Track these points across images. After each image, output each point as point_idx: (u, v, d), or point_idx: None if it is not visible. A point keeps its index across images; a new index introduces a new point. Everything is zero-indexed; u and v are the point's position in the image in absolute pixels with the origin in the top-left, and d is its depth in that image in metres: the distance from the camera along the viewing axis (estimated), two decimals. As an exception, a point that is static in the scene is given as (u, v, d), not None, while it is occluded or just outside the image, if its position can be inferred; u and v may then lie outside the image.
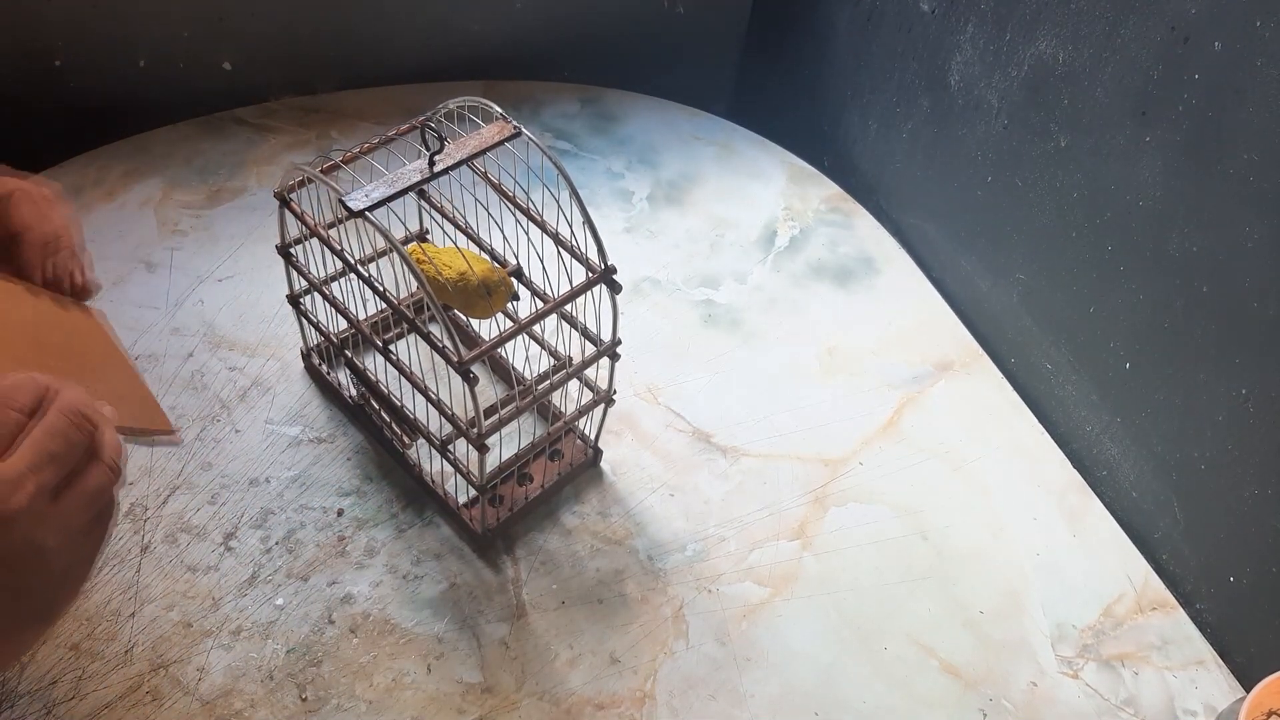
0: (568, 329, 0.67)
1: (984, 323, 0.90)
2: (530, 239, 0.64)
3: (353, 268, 0.60)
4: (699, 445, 0.76)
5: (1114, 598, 0.70)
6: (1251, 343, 0.64)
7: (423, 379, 0.64)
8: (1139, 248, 0.72)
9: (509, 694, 0.59)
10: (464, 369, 0.56)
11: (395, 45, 1.07)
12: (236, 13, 0.98)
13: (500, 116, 0.64)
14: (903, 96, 0.99)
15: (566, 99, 1.10)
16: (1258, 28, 0.60)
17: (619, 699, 0.60)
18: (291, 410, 0.73)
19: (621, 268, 0.90)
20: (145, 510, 0.64)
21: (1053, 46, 0.78)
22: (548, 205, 0.64)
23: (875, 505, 0.73)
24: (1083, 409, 0.80)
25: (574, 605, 0.64)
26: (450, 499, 0.67)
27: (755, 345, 0.85)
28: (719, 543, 0.69)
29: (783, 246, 0.96)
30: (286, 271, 0.68)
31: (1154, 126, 0.69)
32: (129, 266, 0.81)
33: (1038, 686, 0.64)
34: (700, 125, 1.10)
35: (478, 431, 0.58)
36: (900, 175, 1.02)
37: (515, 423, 0.62)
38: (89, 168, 0.90)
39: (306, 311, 0.70)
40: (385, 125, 1.01)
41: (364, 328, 0.64)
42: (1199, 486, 0.70)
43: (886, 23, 1.01)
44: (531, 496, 0.68)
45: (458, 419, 0.62)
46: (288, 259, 0.67)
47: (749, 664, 0.63)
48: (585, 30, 1.15)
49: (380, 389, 0.67)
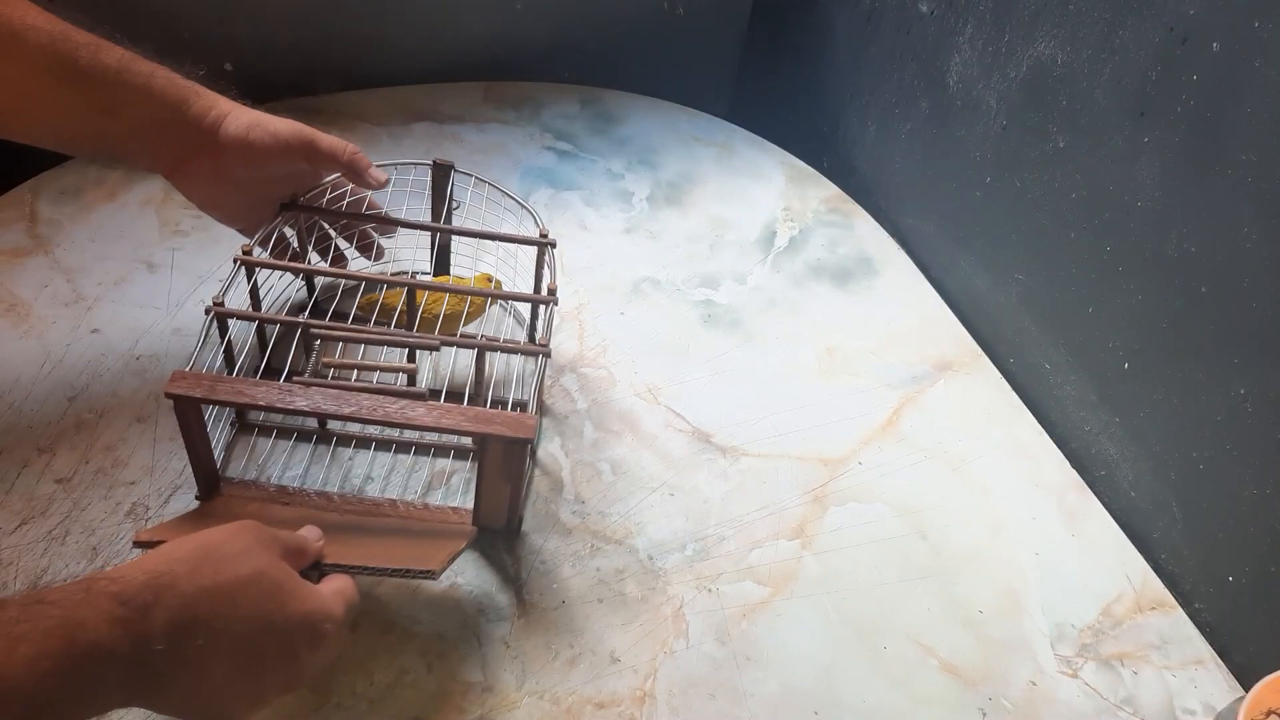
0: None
1: (983, 323, 0.90)
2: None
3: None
4: (699, 445, 0.76)
5: (1113, 597, 0.70)
6: (1250, 343, 0.64)
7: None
8: (1137, 248, 0.72)
9: (509, 692, 0.59)
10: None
11: (396, 46, 1.07)
12: (237, 14, 0.98)
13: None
14: (902, 97, 0.99)
15: (566, 99, 1.10)
16: (1256, 28, 0.60)
17: (619, 698, 0.60)
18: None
19: (621, 268, 0.91)
20: (146, 510, 0.64)
21: (1051, 47, 0.78)
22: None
23: (874, 505, 0.73)
24: (1081, 409, 0.80)
25: (574, 604, 0.64)
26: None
27: (755, 345, 0.85)
28: (719, 542, 0.69)
29: (782, 247, 0.96)
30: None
31: (1152, 127, 0.69)
32: (130, 267, 0.81)
33: (1037, 686, 0.64)
34: (700, 126, 1.10)
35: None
36: (899, 176, 1.02)
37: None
38: (90, 167, 0.90)
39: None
40: (385, 126, 1.01)
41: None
42: (1197, 486, 0.70)
43: (885, 24, 1.01)
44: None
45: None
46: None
47: (749, 663, 0.63)
48: (585, 31, 1.16)
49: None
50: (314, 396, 0.56)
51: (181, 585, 0.43)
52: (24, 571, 0.60)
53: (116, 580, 0.41)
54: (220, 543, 0.46)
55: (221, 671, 0.44)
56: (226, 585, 0.44)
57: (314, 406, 0.56)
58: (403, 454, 0.71)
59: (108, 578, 0.42)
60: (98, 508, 0.64)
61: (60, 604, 0.39)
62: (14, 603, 0.39)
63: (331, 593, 0.51)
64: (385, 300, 0.72)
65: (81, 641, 0.39)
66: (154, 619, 0.41)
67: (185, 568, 0.44)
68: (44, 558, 0.61)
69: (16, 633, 0.37)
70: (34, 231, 0.83)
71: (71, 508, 0.64)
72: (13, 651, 0.37)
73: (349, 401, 0.56)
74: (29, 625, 0.38)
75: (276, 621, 0.46)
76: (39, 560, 0.60)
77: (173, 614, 0.42)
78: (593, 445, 0.74)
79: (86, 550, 0.61)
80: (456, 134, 1.02)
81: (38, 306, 0.77)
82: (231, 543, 0.46)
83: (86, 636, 0.39)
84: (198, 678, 0.43)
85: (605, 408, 0.77)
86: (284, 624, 0.46)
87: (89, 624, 0.39)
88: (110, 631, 0.40)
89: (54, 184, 0.88)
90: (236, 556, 0.46)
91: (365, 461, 0.70)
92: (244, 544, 0.47)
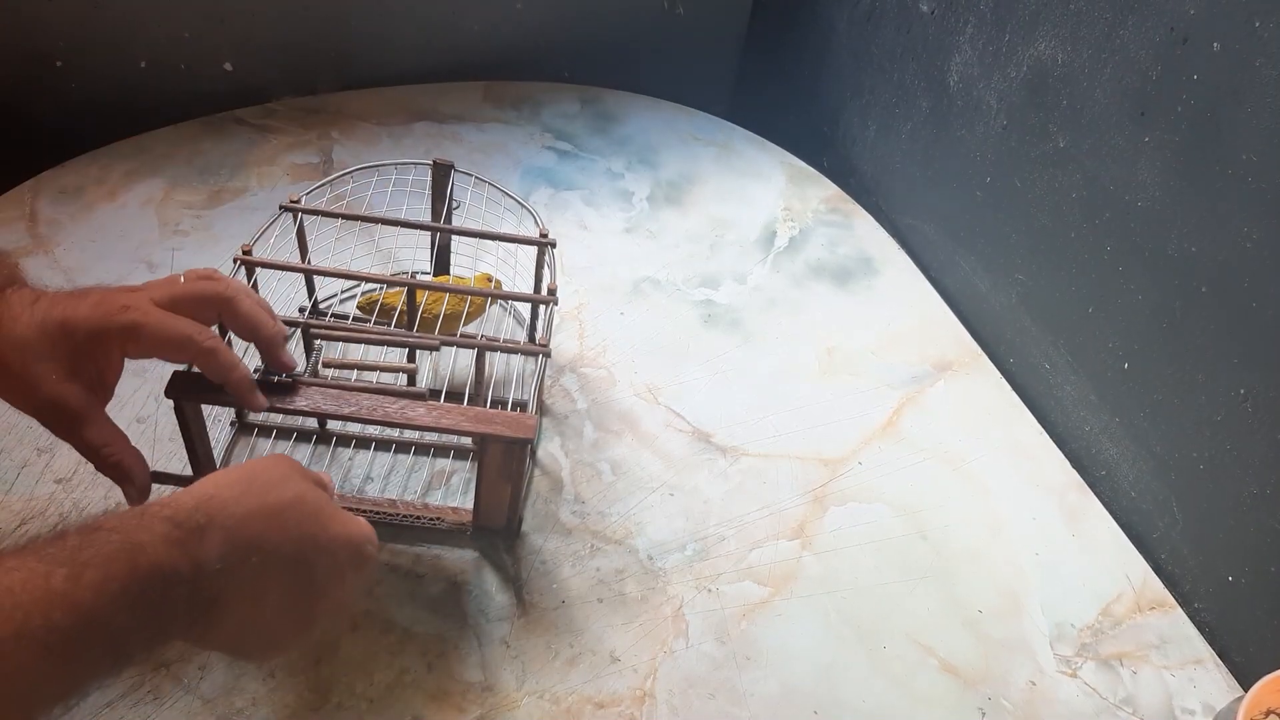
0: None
1: (983, 323, 0.90)
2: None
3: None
4: (699, 445, 0.76)
5: (1113, 597, 0.70)
6: (1250, 343, 0.64)
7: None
8: (1138, 248, 0.72)
9: (509, 692, 0.59)
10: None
11: (396, 46, 1.07)
12: (238, 14, 0.98)
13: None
14: (902, 97, 0.99)
15: (566, 99, 1.10)
16: (1256, 28, 0.60)
17: (619, 698, 0.60)
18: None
19: (621, 268, 0.91)
20: (146, 509, 0.64)
21: (1052, 47, 0.78)
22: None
23: (874, 505, 0.73)
24: (1081, 409, 0.80)
25: (574, 604, 0.64)
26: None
27: (755, 345, 0.85)
28: (719, 542, 0.69)
29: (782, 247, 0.96)
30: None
31: (1153, 127, 0.69)
32: (130, 266, 0.81)
33: (1036, 685, 0.64)
34: (700, 125, 1.10)
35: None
36: (899, 176, 1.02)
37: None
38: (90, 167, 0.90)
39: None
40: (385, 126, 1.01)
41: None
42: (1197, 486, 0.70)
43: (886, 23, 1.01)
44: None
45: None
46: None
47: (748, 663, 0.63)
48: (585, 30, 1.16)
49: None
50: (314, 396, 0.56)
51: (231, 507, 0.43)
52: (24, 571, 0.60)
53: (168, 505, 0.42)
54: (261, 469, 0.47)
55: (275, 593, 0.44)
56: (273, 506, 0.45)
57: (314, 406, 0.56)
58: (403, 454, 0.71)
59: (159, 503, 0.42)
60: (97, 508, 0.64)
61: (118, 529, 0.39)
62: (73, 532, 0.39)
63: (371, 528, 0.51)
64: (385, 300, 0.72)
65: (144, 563, 0.39)
66: (209, 540, 0.42)
67: (232, 491, 0.44)
68: (44, 557, 0.61)
69: (81, 558, 0.37)
70: (34, 231, 0.83)
71: (71, 508, 0.64)
72: (79, 578, 0.37)
73: (349, 401, 0.56)
74: (92, 550, 0.38)
75: (322, 541, 0.47)
76: (39, 560, 0.60)
77: (226, 534, 0.42)
78: (593, 445, 0.74)
79: (87, 550, 0.61)
80: (456, 134, 1.02)
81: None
82: (272, 469, 0.47)
83: (148, 558, 0.39)
84: (253, 600, 0.43)
85: (605, 408, 0.77)
86: (329, 544, 0.47)
87: (148, 546, 0.39)
88: (169, 552, 0.40)
89: (54, 183, 0.88)
90: (279, 482, 0.46)
91: (365, 461, 0.70)
92: (283, 470, 0.48)
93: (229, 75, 1.01)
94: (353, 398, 0.57)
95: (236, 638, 0.44)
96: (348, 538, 0.48)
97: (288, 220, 0.69)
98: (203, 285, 0.54)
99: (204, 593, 0.41)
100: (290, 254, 0.68)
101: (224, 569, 0.42)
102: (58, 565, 0.36)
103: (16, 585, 0.35)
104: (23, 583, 0.35)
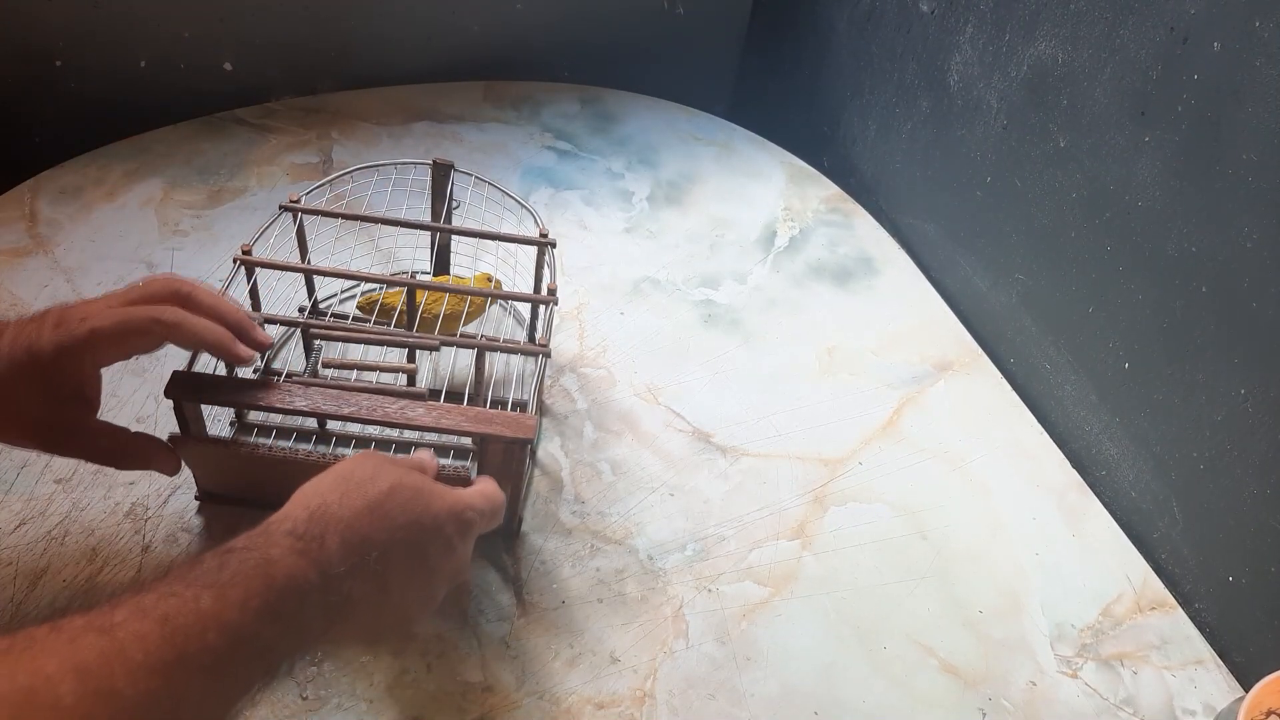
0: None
1: (983, 323, 0.90)
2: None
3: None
4: (699, 445, 0.76)
5: (1113, 597, 0.70)
6: (1250, 342, 0.64)
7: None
8: (1138, 248, 0.72)
9: (509, 693, 0.59)
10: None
11: (396, 46, 1.07)
12: (237, 14, 0.98)
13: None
14: (902, 97, 0.99)
15: (566, 99, 1.10)
16: (1257, 28, 0.60)
17: (619, 698, 0.60)
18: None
19: (621, 268, 0.91)
20: (146, 510, 0.64)
21: (1052, 47, 0.78)
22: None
23: (875, 505, 0.73)
24: (1082, 409, 0.80)
25: (574, 605, 0.64)
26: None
27: (755, 345, 0.85)
28: (719, 542, 0.69)
29: (782, 247, 0.96)
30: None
31: (1153, 127, 0.69)
32: (130, 267, 0.81)
33: (1037, 686, 0.64)
34: (700, 125, 1.10)
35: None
36: (899, 175, 1.02)
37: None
38: (90, 167, 0.90)
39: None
40: (385, 126, 1.01)
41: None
42: (1198, 486, 0.70)
43: (886, 23, 1.01)
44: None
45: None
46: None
47: (749, 663, 0.63)
48: (585, 30, 1.16)
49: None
50: (314, 396, 0.56)
51: (339, 511, 0.45)
52: (23, 572, 0.60)
53: (286, 519, 0.44)
54: (352, 470, 0.49)
55: (397, 579, 0.47)
56: (374, 501, 0.47)
57: (314, 406, 0.56)
58: (402, 454, 0.71)
59: (277, 519, 0.44)
60: (97, 508, 0.64)
61: (250, 547, 0.42)
62: (208, 555, 0.41)
63: (472, 491, 0.54)
64: (385, 300, 0.72)
65: (279, 576, 0.41)
66: (328, 545, 0.44)
67: (335, 495, 0.46)
68: (43, 558, 0.61)
69: (222, 579, 0.39)
70: (34, 231, 0.83)
71: (71, 508, 0.64)
72: (224, 597, 0.38)
73: (349, 401, 0.56)
74: (230, 571, 0.40)
75: (426, 521, 0.49)
76: (39, 560, 0.60)
77: (342, 537, 0.44)
78: (593, 445, 0.74)
79: (86, 550, 0.61)
80: (456, 133, 1.02)
81: (38, 306, 0.76)
82: (361, 467, 0.49)
83: (281, 570, 0.41)
84: (379, 591, 0.46)
85: (605, 408, 0.77)
86: (434, 520, 0.49)
87: (279, 560, 0.42)
88: (297, 563, 0.42)
89: (54, 184, 0.88)
90: (372, 476, 0.48)
91: (365, 461, 0.70)
92: (373, 465, 0.49)
93: (229, 75, 1.01)
94: (352, 398, 0.57)
95: (369, 629, 0.47)
96: (449, 510, 0.50)
97: (287, 220, 0.69)
98: (159, 283, 0.55)
99: (333, 595, 0.43)
100: (290, 254, 0.68)
101: (346, 570, 0.44)
102: (203, 588, 0.38)
103: (172, 611, 0.37)
104: (177, 609, 0.37)
